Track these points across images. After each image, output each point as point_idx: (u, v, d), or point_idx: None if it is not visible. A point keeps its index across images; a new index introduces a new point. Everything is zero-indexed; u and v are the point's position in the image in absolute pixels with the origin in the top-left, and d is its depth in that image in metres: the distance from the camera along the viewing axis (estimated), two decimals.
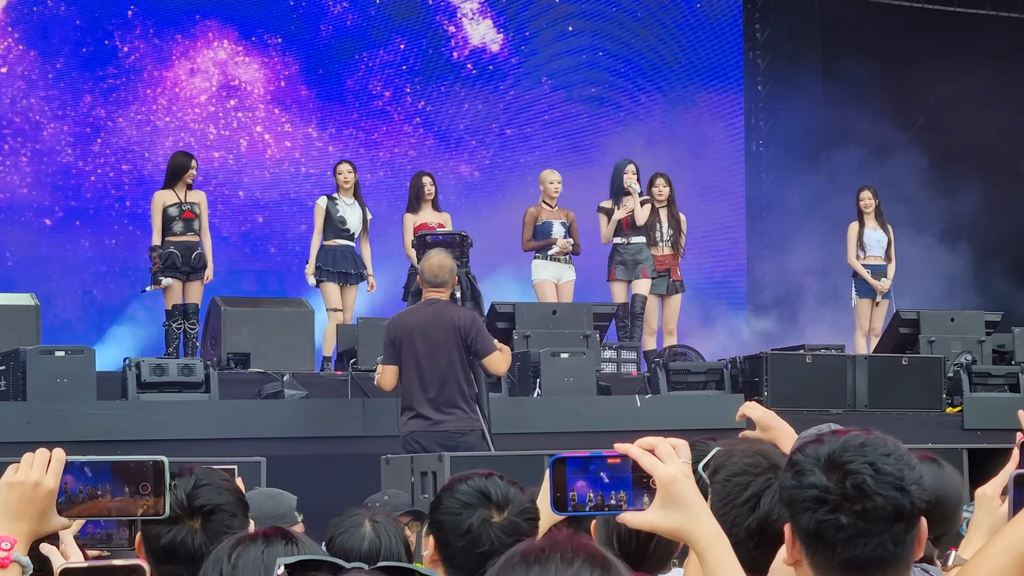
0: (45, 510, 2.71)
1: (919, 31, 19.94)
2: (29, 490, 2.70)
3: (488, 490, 3.73)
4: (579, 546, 2.15)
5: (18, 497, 2.70)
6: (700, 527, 2.56)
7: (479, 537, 3.67)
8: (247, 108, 18.36)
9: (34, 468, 2.72)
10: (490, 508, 3.71)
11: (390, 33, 19.02)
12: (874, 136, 19.17)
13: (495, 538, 3.68)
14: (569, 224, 14.27)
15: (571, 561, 2.12)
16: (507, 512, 3.71)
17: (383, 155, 18.75)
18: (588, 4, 19.87)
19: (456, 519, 3.70)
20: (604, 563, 2.14)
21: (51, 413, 10.70)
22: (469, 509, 3.70)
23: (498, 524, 3.69)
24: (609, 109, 19.82)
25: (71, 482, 2.71)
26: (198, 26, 18.15)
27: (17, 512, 2.70)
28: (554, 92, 19.63)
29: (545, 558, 2.12)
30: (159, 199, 13.46)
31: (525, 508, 3.74)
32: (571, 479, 2.53)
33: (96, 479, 2.71)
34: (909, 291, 16.86)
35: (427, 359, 9.85)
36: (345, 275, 13.68)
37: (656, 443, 2.56)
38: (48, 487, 2.70)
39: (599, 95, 19.81)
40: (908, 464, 2.76)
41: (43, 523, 2.72)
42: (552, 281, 14.18)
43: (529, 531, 3.71)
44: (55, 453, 2.74)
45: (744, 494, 3.31)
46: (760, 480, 3.31)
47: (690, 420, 11.76)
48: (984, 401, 13.26)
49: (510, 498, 3.74)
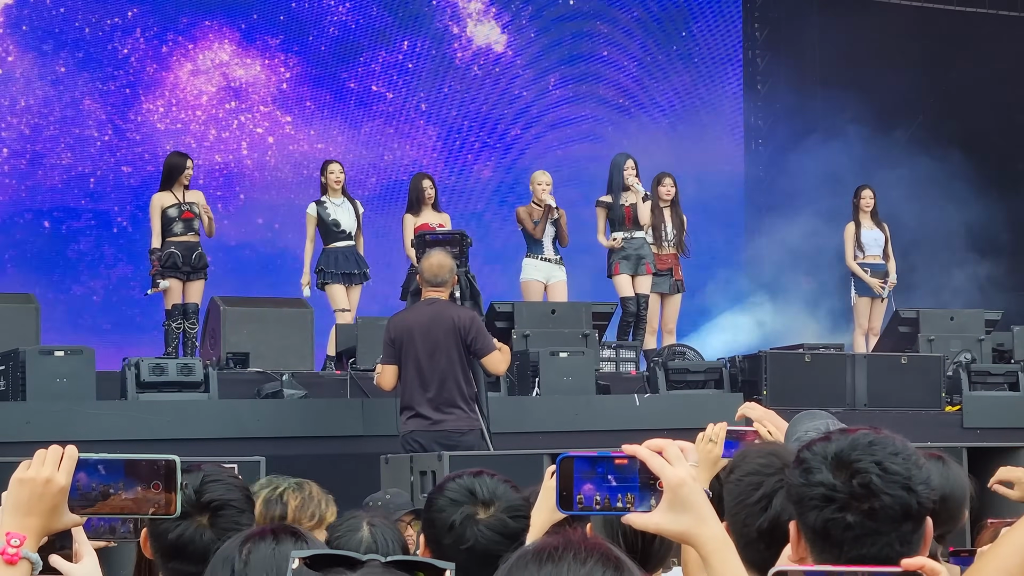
0: (56, 507, 2.70)
1: (920, 31, 19.95)
2: (40, 487, 2.69)
3: (475, 488, 3.74)
4: (592, 545, 2.14)
5: (29, 493, 2.69)
6: (706, 531, 2.55)
7: (463, 533, 3.68)
8: (248, 110, 18.35)
9: (46, 465, 2.71)
10: (476, 505, 3.72)
11: (394, 34, 19.01)
12: (874, 135, 19.17)
13: (479, 534, 3.69)
14: (559, 220, 14.27)
15: (584, 560, 2.11)
16: (494, 509, 3.72)
17: (387, 157, 18.73)
18: (590, 4, 19.86)
19: (443, 516, 3.72)
20: (617, 563, 2.13)
21: (50, 413, 10.69)
22: (454, 506, 3.72)
23: (484, 521, 3.70)
24: (612, 109, 19.82)
25: (84, 479, 2.70)
26: (200, 28, 18.13)
27: (28, 508, 2.69)
28: (559, 92, 19.63)
29: (558, 556, 2.12)
30: (157, 201, 13.45)
31: (513, 505, 3.74)
32: (579, 480, 2.53)
33: (109, 477, 2.71)
34: (909, 291, 16.85)
35: (427, 358, 9.85)
36: (349, 276, 13.69)
37: (664, 445, 2.55)
38: (60, 484, 2.69)
39: (602, 95, 19.81)
40: (916, 464, 2.75)
41: (54, 520, 2.71)
42: (540, 281, 14.17)
43: (517, 529, 3.72)
44: (67, 450, 2.73)
45: (756, 494, 3.31)
46: (772, 480, 3.31)
47: (689, 419, 11.73)
48: (983, 400, 13.26)
49: (497, 495, 3.74)
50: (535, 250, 14.18)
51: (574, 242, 14.34)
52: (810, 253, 19.05)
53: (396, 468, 9.78)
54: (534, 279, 14.17)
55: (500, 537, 3.69)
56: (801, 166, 19.52)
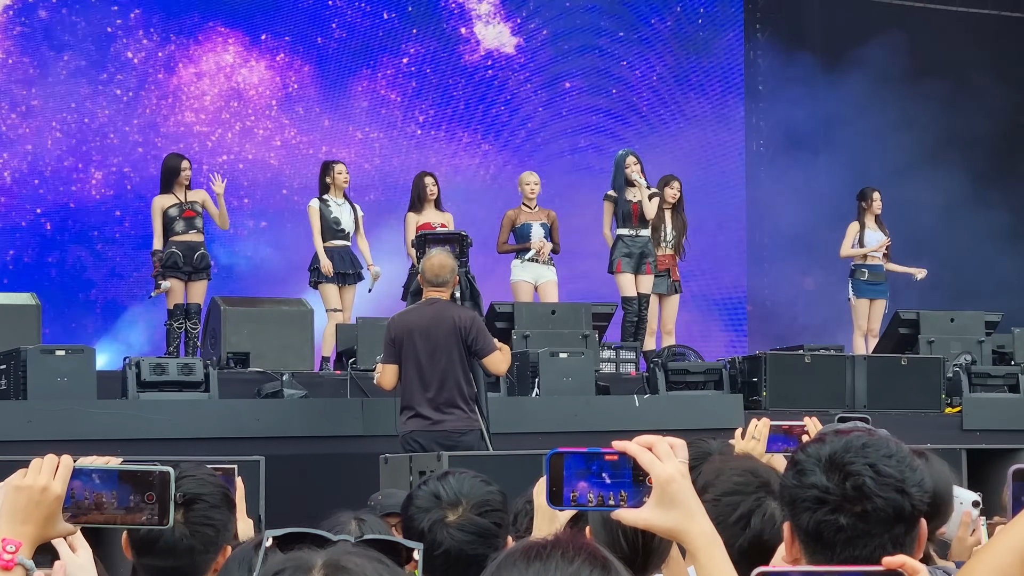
0: (51, 515, 2.74)
1: (920, 32, 19.95)
2: (37, 494, 2.72)
3: (439, 491, 3.76)
4: (580, 544, 2.16)
5: (25, 501, 2.73)
6: (695, 527, 2.55)
7: (435, 538, 3.71)
8: (255, 113, 18.34)
9: (42, 473, 2.74)
10: (444, 508, 3.74)
11: (402, 37, 19.01)
12: (875, 136, 19.18)
13: (450, 537, 3.71)
14: (551, 224, 14.29)
15: (572, 559, 2.13)
16: (462, 509, 3.74)
17: (396, 160, 18.71)
18: (592, 5, 19.87)
19: (415, 524, 3.75)
20: (604, 562, 2.14)
21: (51, 412, 10.70)
22: (423, 513, 3.75)
23: (454, 523, 3.73)
24: (623, 111, 19.83)
25: (79, 488, 2.73)
26: (206, 30, 18.12)
27: (24, 516, 2.72)
28: (567, 94, 19.64)
29: (546, 555, 2.13)
30: (158, 204, 13.48)
31: (481, 501, 3.75)
32: (571, 477, 2.54)
33: (104, 486, 2.73)
34: (908, 292, 16.85)
35: (427, 358, 9.86)
36: (343, 276, 13.73)
37: (654, 441, 2.56)
38: (55, 492, 2.73)
39: (614, 97, 19.82)
40: (910, 466, 2.76)
41: (48, 528, 2.75)
42: (529, 282, 14.19)
43: (487, 525, 3.73)
44: (63, 460, 2.76)
45: (735, 514, 3.32)
46: (750, 500, 3.33)
47: (689, 420, 11.76)
48: (983, 402, 13.26)
49: (463, 494, 3.75)
50: (522, 252, 14.22)
51: (585, 245, 14.35)
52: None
53: (395, 468, 9.79)
54: (522, 279, 14.21)
55: (472, 536, 3.71)
56: (802, 167, 19.55)
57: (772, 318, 19.59)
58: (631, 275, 14.26)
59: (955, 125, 19.16)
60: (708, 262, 19.05)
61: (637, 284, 14.29)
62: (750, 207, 20.37)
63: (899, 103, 19.19)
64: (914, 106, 19.14)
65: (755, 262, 20.29)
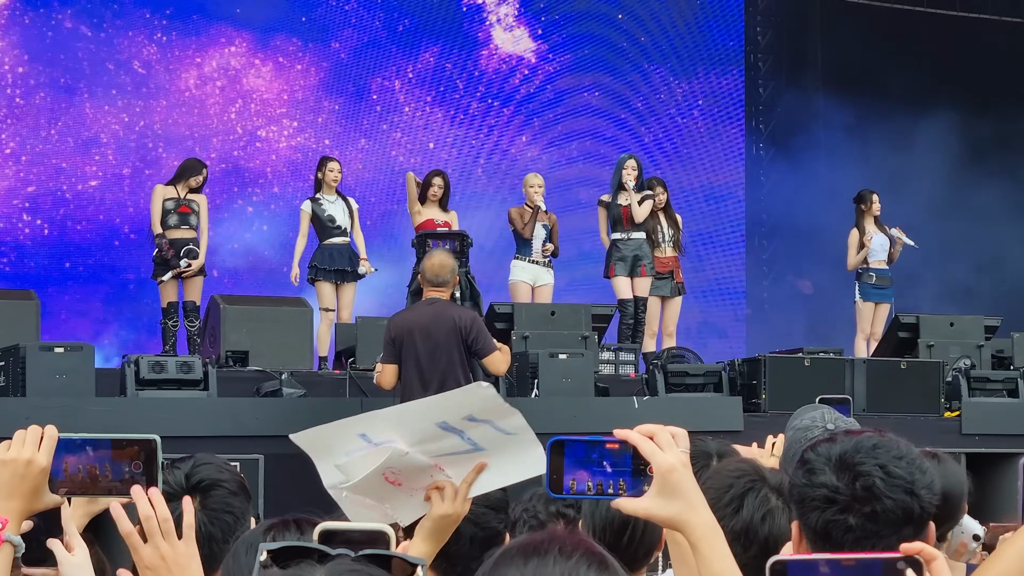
0: (37, 488, 2.66)
1: (920, 33, 19.97)
2: (22, 468, 2.65)
3: None
4: (577, 541, 2.15)
5: (10, 474, 2.65)
6: (696, 517, 2.54)
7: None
8: (264, 115, 18.34)
9: (26, 445, 2.66)
10: None
11: (420, 40, 19.01)
12: (875, 137, 19.18)
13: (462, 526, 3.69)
14: (551, 227, 14.28)
15: (569, 555, 2.12)
16: None
17: (401, 159, 18.70)
18: (595, 6, 19.88)
19: None
20: (602, 559, 2.14)
21: (50, 409, 10.67)
22: None
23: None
24: (637, 115, 19.85)
25: (72, 462, 2.68)
26: (215, 32, 18.10)
27: (10, 491, 2.65)
28: (580, 96, 19.66)
29: (544, 551, 2.12)
30: (159, 191, 13.50)
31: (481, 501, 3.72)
32: (571, 465, 2.53)
33: (96, 459, 2.68)
34: (909, 296, 16.86)
35: (427, 358, 9.84)
36: (342, 273, 13.69)
37: (656, 430, 2.54)
38: (41, 465, 2.65)
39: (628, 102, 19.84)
40: (920, 468, 2.76)
41: (35, 501, 2.67)
42: (528, 283, 14.18)
43: (498, 496, 3.70)
44: (47, 430, 2.68)
45: (726, 496, 3.32)
46: (743, 481, 3.33)
47: (688, 422, 11.61)
48: (982, 406, 13.25)
49: None
50: (524, 251, 14.21)
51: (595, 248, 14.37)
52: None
53: None
54: (521, 280, 14.19)
55: (484, 509, 3.69)
56: (802, 167, 19.55)
57: (771, 320, 19.58)
58: (626, 278, 14.27)
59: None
60: (708, 263, 19.06)
61: (634, 287, 14.29)
62: (750, 208, 20.37)
63: (900, 107, 19.20)
64: (916, 110, 19.15)
65: (754, 264, 20.29)
